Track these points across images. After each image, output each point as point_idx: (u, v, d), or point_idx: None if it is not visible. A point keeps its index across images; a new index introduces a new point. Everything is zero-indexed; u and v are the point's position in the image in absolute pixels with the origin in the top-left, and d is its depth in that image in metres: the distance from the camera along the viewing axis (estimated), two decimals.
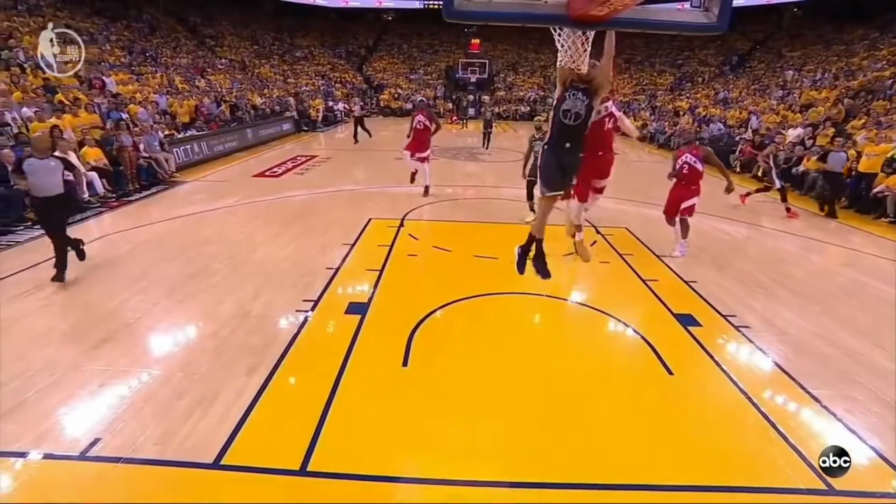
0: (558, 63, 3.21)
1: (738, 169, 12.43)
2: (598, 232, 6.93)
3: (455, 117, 24.71)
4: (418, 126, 8.44)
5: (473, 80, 29.72)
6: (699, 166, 5.88)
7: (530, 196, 7.47)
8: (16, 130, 8.25)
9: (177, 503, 2.46)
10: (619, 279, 5.43)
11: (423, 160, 8.54)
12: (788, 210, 8.26)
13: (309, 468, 2.69)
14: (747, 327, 4.41)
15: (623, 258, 5.97)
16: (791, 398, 3.45)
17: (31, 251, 5.86)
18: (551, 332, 4.54)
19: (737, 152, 13.40)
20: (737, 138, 14.41)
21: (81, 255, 5.21)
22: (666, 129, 18.71)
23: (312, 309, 4.53)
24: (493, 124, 16.27)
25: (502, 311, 4.63)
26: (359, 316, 4.42)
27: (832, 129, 11.53)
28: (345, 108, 24.83)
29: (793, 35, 24.65)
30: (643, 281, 5.31)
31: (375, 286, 5.09)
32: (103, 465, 2.67)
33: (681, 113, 20.55)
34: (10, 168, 6.95)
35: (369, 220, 7.22)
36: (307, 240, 6.48)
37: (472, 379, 3.57)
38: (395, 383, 3.50)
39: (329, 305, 4.65)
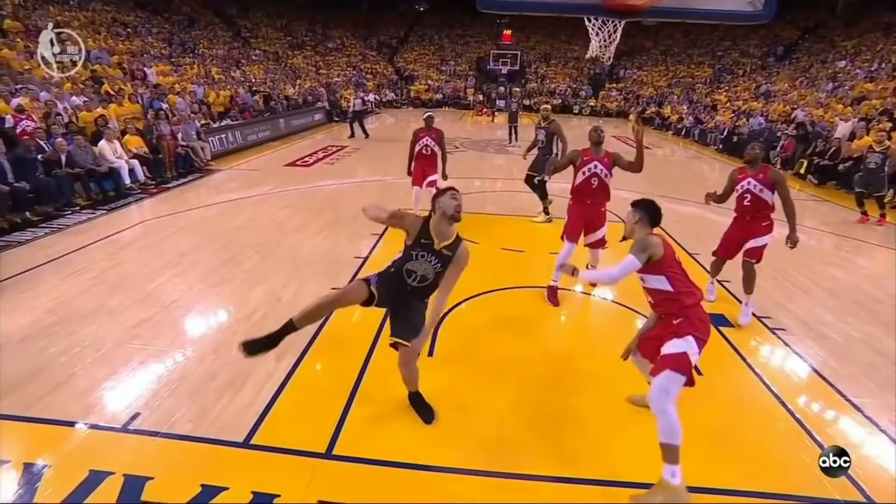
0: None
1: (778, 165, 11.93)
2: None
3: (485, 109, 24.51)
4: (424, 151, 6.50)
5: (505, 71, 29.38)
6: (766, 196, 4.17)
7: (535, 189, 7.26)
8: (66, 120, 8.65)
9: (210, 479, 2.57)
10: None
11: (431, 184, 6.58)
12: (864, 214, 7.75)
13: (335, 451, 2.77)
14: (783, 329, 4.27)
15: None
16: (829, 405, 3.32)
17: (79, 234, 6.17)
18: (578, 327, 4.50)
19: (778, 148, 12.86)
20: (778, 133, 13.82)
21: None
22: (703, 121, 18.10)
23: None
24: (519, 117, 15.73)
25: (529, 305, 4.60)
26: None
27: (888, 123, 10.80)
28: (375, 99, 24.96)
29: (848, 22, 23.15)
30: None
31: None
32: (143, 438, 2.82)
33: (718, 107, 19.82)
34: (63, 156, 7.34)
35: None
36: (336, 229, 6.59)
37: (498, 371, 3.58)
38: (422, 372, 3.52)
39: None
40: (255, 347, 2.74)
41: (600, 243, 4.78)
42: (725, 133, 15.83)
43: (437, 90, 28.98)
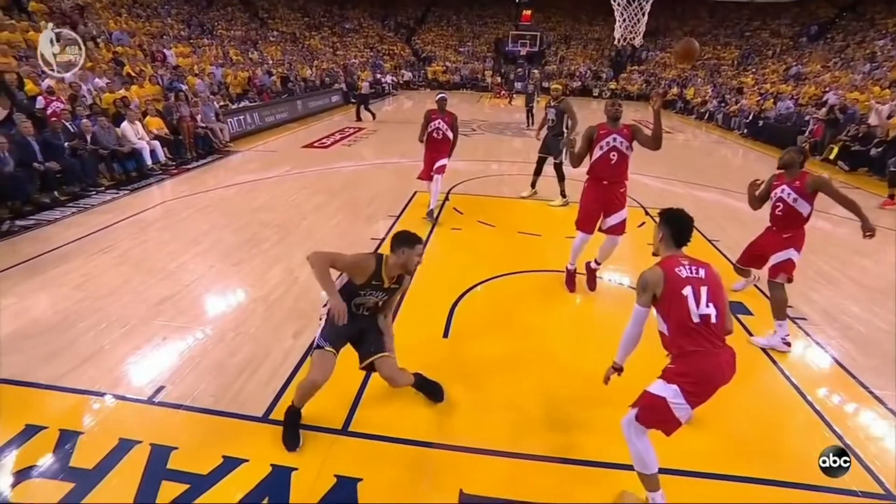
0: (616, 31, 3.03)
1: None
2: (646, 213, 6.68)
3: (503, 91, 24.15)
4: (436, 134, 6.18)
5: (523, 53, 28.86)
6: (801, 206, 3.66)
7: (538, 172, 7.33)
8: (90, 101, 8.79)
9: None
10: None
11: (440, 170, 6.24)
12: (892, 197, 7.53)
13: (351, 428, 2.83)
14: (804, 319, 4.18)
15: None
16: (851, 397, 3.26)
17: (104, 213, 6.32)
18: (594, 312, 4.47)
19: (806, 132, 12.45)
20: (806, 117, 13.35)
21: None
22: (728, 105, 17.56)
23: None
24: (536, 99, 15.10)
25: (545, 289, 4.58)
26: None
27: None
28: (392, 80, 24.78)
29: None
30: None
31: None
32: (167, 411, 2.92)
33: (744, 90, 19.18)
34: (87, 137, 7.48)
35: (415, 192, 7.27)
36: (353, 210, 6.63)
37: (512, 354, 3.60)
38: (436, 353, 3.57)
39: None
40: (287, 432, 2.71)
41: (619, 229, 4.30)
42: (751, 117, 15.36)
43: (454, 72, 28.63)
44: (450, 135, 6.21)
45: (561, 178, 7.08)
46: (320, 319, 2.78)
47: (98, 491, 2.37)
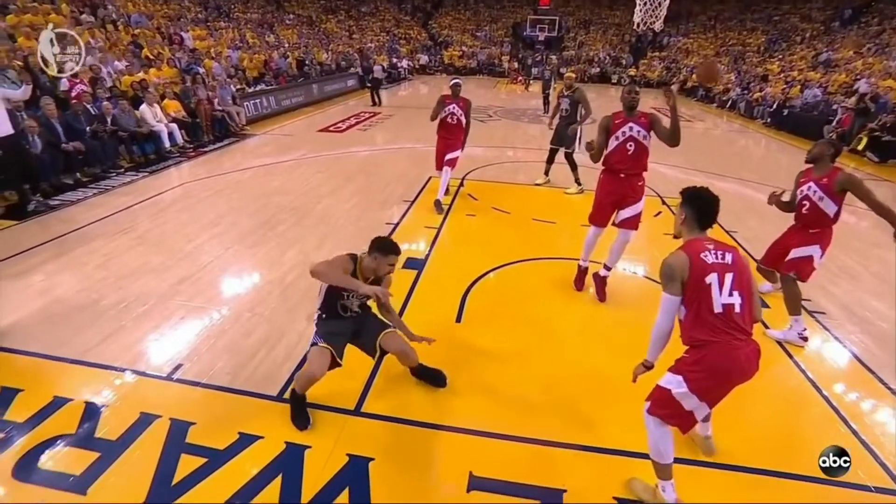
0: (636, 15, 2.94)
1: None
2: (663, 202, 6.59)
3: (520, 77, 23.80)
4: (450, 119, 6.07)
5: (542, 38, 28.32)
6: (827, 206, 3.45)
7: (551, 161, 7.29)
8: (110, 84, 8.90)
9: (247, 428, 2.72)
10: None
11: (451, 163, 6.18)
12: None
13: (363, 409, 2.88)
14: (822, 313, 4.11)
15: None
16: (868, 394, 3.20)
17: (124, 195, 6.44)
18: (607, 301, 4.44)
19: (834, 122, 12.06)
20: (834, 106, 12.93)
21: None
22: (751, 92, 17.07)
23: None
24: (553, 86, 14.52)
25: (559, 276, 4.56)
26: (415, 271, 4.54)
27: None
28: (409, 65, 24.58)
29: None
30: None
31: (433, 244, 5.18)
32: (186, 387, 3.00)
33: (769, 77, 18.61)
34: (108, 119, 7.59)
35: (429, 178, 7.25)
36: (368, 195, 6.65)
37: (524, 340, 3.61)
38: (448, 338, 3.59)
39: None
40: (295, 414, 2.78)
41: (633, 223, 4.04)
42: (775, 106, 14.92)
43: (471, 56, 28.26)
44: (463, 120, 6.09)
45: (573, 167, 7.04)
46: (314, 323, 2.87)
47: (122, 461, 2.47)
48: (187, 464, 2.45)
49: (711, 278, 2.04)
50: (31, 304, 3.83)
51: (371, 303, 2.98)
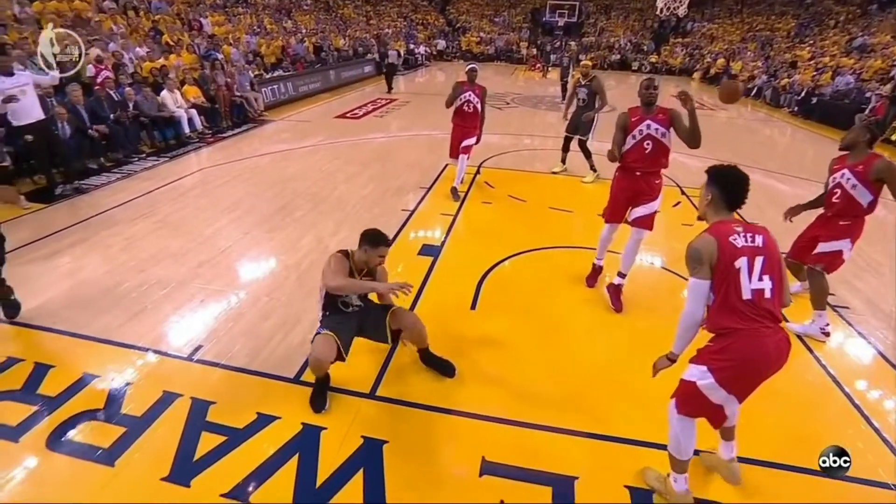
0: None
1: None
2: (682, 192, 6.47)
3: (538, 64, 23.42)
4: (466, 107, 5.95)
5: (561, 24, 27.77)
6: (861, 195, 3.25)
7: (566, 150, 7.22)
8: (132, 70, 9.02)
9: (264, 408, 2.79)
10: None
11: (466, 150, 6.13)
12: None
13: (378, 393, 2.92)
14: (846, 307, 4.02)
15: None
16: (892, 391, 3.13)
17: (145, 180, 6.56)
18: (624, 291, 4.40)
19: (867, 111, 11.64)
20: (868, 94, 12.46)
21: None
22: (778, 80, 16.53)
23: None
24: (571, 73, 14.53)
25: (574, 265, 4.53)
26: (431, 258, 4.56)
27: None
28: (426, 51, 24.37)
29: None
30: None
31: (449, 231, 5.18)
32: (205, 368, 3.07)
33: (798, 63, 17.98)
34: (130, 105, 7.71)
35: (446, 165, 7.23)
36: (384, 181, 6.66)
37: (538, 328, 3.61)
38: (462, 325, 3.61)
39: (402, 246, 4.81)
40: (315, 395, 2.83)
41: (646, 222, 3.81)
42: (803, 94, 14.44)
43: (489, 42, 27.88)
44: (480, 107, 5.99)
45: (588, 154, 6.97)
46: (319, 320, 2.90)
47: (147, 436, 2.56)
48: (208, 441, 2.53)
49: (741, 262, 1.93)
50: (59, 284, 3.95)
51: (372, 295, 3.02)
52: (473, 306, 3.85)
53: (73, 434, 2.57)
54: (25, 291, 3.62)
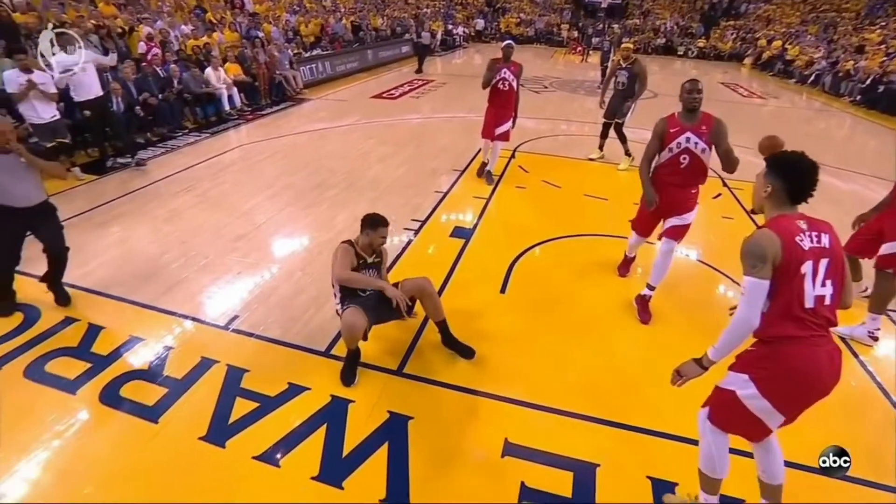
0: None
1: None
2: (724, 184, 6.20)
3: (579, 47, 22.70)
4: (502, 86, 5.61)
5: (604, 5, 26.75)
6: None
7: (605, 136, 6.96)
8: (177, 47, 9.27)
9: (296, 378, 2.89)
10: (740, 237, 4.84)
11: (503, 136, 5.84)
12: None
13: (405, 370, 2.97)
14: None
15: (749, 215, 5.32)
16: None
17: (187, 155, 6.79)
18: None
19: None
20: None
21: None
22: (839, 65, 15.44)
23: (419, 229, 4.77)
24: (612, 57, 13.88)
25: (607, 254, 4.44)
26: (463, 240, 4.56)
27: None
28: (464, 31, 23.99)
29: None
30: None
31: (481, 214, 5.16)
32: (241, 337, 3.20)
33: (865, 48, 16.72)
34: (175, 81, 7.95)
35: (479, 149, 7.15)
36: (418, 163, 6.67)
37: (566, 315, 3.57)
38: (491, 308, 3.62)
39: (435, 227, 4.84)
40: (346, 369, 2.90)
41: (679, 232, 3.47)
42: (869, 81, 13.41)
43: (528, 24, 27.17)
44: (515, 85, 5.65)
45: (623, 139, 6.75)
46: (338, 310, 2.99)
47: (186, 398, 2.70)
48: (242, 406, 2.64)
49: (806, 267, 1.70)
50: (110, 252, 4.18)
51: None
52: (503, 290, 3.85)
53: (122, 391, 2.74)
54: (81, 258, 3.84)
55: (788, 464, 2.44)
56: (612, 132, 6.85)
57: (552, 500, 2.24)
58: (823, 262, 1.72)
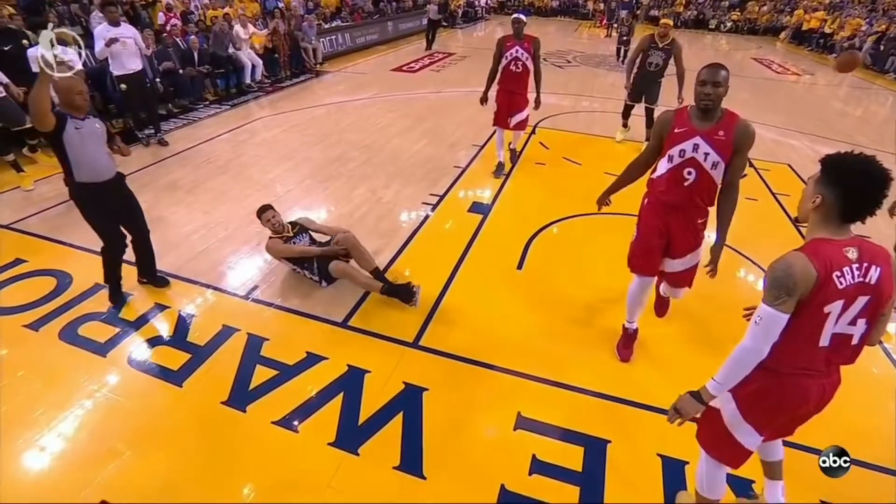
0: None
1: None
2: (751, 165, 5.99)
3: (604, 20, 21.87)
4: (514, 67, 4.87)
5: None
6: None
7: (627, 115, 6.57)
8: (197, 18, 9.23)
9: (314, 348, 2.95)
10: (766, 220, 4.71)
11: (520, 125, 5.25)
12: None
13: (421, 343, 3.01)
14: None
15: (776, 197, 5.15)
16: None
17: (208, 127, 6.85)
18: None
19: None
20: None
21: None
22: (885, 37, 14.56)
23: (438, 203, 4.76)
24: (634, 31, 12.61)
25: (626, 233, 4.37)
26: (480, 216, 4.54)
27: None
28: (487, 3, 23.31)
29: None
30: (795, 225, 4.57)
31: (500, 190, 5.12)
32: (260, 307, 3.28)
33: None
34: (195, 53, 7.94)
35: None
36: (438, 137, 6.61)
37: (583, 293, 3.56)
38: (508, 283, 3.62)
39: (453, 202, 4.83)
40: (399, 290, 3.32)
41: (685, 278, 2.80)
42: None
43: None
44: (530, 65, 4.87)
45: (650, 123, 6.43)
46: (318, 281, 3.50)
47: (209, 363, 2.80)
48: (261, 373, 2.72)
49: (833, 307, 1.46)
50: None
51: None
52: (520, 266, 3.84)
53: (149, 355, 2.85)
54: None
55: (808, 449, 2.44)
56: (639, 111, 6.57)
57: (563, 474, 2.28)
58: (861, 301, 1.47)
